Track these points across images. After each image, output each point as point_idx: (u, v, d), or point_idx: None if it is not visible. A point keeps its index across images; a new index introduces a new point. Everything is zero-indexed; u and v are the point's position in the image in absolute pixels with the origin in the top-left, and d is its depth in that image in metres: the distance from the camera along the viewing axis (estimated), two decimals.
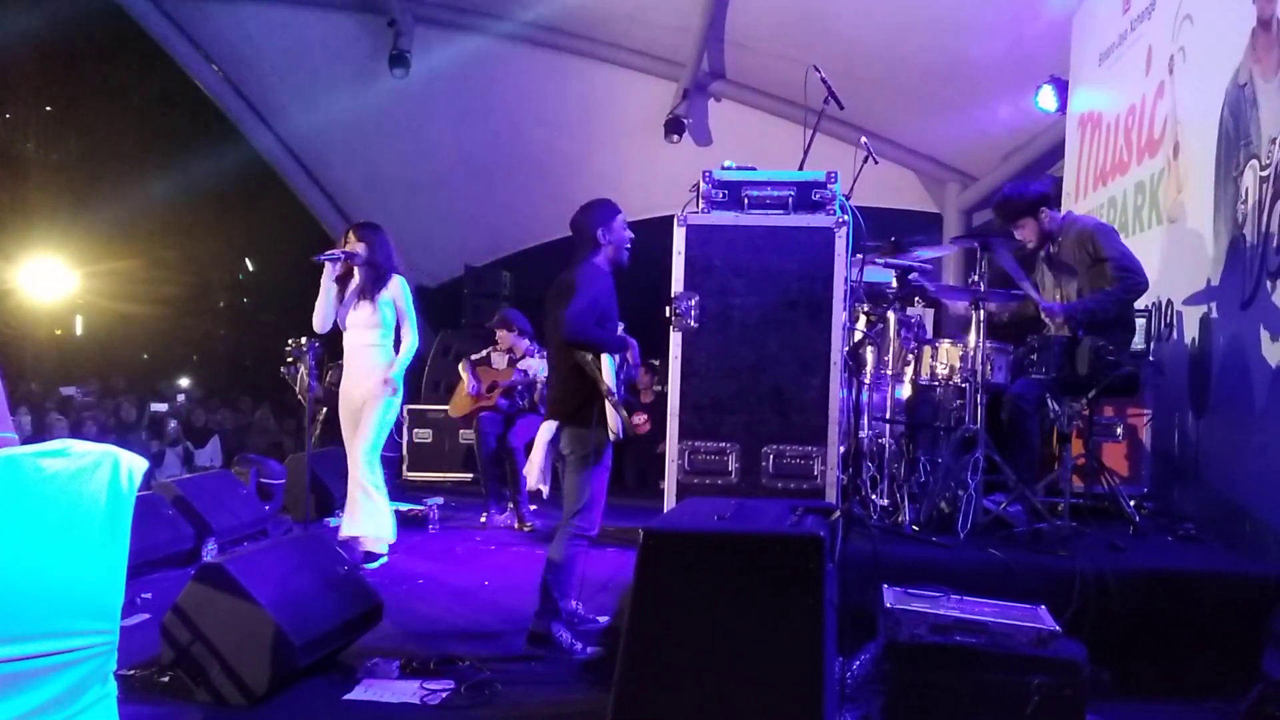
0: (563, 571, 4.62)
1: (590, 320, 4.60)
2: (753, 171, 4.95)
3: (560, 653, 4.52)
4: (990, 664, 3.44)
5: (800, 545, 2.92)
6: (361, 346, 6.20)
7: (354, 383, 6.22)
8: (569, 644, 4.55)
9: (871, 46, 9.04)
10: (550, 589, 4.62)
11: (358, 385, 6.20)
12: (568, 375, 4.70)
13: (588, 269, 4.74)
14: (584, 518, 4.67)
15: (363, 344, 6.20)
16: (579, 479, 4.69)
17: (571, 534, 4.65)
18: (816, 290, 4.74)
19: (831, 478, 4.70)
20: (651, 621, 2.96)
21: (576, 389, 4.65)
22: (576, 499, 4.68)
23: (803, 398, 4.72)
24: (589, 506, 4.69)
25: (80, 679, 2.85)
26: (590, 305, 4.61)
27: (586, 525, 4.69)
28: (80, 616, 2.82)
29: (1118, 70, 7.05)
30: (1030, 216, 5.45)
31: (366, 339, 6.19)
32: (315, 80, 11.48)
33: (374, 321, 6.16)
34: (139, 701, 3.79)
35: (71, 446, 2.79)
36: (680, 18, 9.92)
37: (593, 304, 4.63)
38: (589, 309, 4.60)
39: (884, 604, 3.72)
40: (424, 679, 4.21)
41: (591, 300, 4.63)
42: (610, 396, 4.54)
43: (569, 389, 4.71)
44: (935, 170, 11.31)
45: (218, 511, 6.63)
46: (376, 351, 6.18)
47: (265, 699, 3.91)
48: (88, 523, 2.79)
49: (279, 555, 4.42)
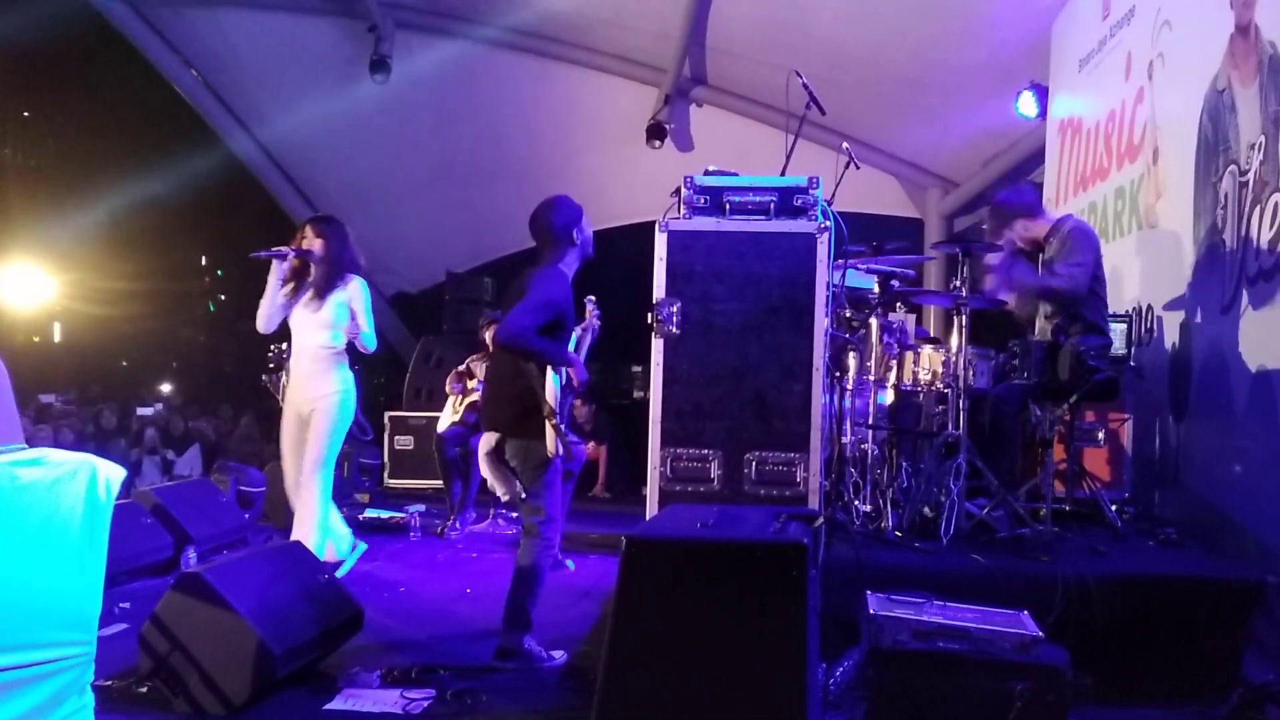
0: (532, 583, 4.51)
1: (531, 326, 4.36)
2: (734, 177, 4.93)
3: (531, 663, 4.46)
4: (973, 669, 3.44)
5: (783, 552, 2.91)
6: (311, 348, 5.89)
7: (300, 388, 5.93)
8: (538, 654, 4.50)
9: (853, 52, 9.06)
10: (518, 601, 4.50)
11: (304, 391, 5.91)
12: (508, 383, 4.51)
13: (550, 272, 4.56)
14: (549, 527, 4.55)
15: (312, 345, 5.88)
16: (535, 490, 4.55)
17: (538, 546, 4.53)
18: (798, 296, 4.72)
19: (814, 484, 4.69)
20: (634, 629, 2.95)
21: (517, 397, 4.45)
22: (537, 511, 4.54)
23: (785, 404, 4.71)
24: (551, 516, 4.56)
25: (57, 690, 2.82)
26: (538, 310, 4.39)
27: (551, 535, 4.58)
28: (57, 627, 2.79)
29: (1097, 76, 7.09)
30: (1021, 217, 5.48)
31: (316, 340, 5.88)
32: (295, 85, 11.41)
33: (325, 322, 5.86)
34: (117, 713, 3.75)
35: (48, 455, 2.76)
36: (661, 23, 9.92)
37: (542, 308, 4.41)
38: (535, 313, 4.38)
39: (867, 610, 3.72)
40: (405, 688, 4.18)
41: (542, 304, 4.41)
42: (551, 418, 4.36)
43: (508, 396, 4.52)
44: (916, 176, 11.35)
45: (197, 520, 6.58)
46: (327, 355, 5.89)
47: (245, 709, 3.88)
48: (65, 532, 2.76)
49: (258, 564, 4.38)
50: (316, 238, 5.95)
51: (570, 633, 5.00)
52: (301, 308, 5.92)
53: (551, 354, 4.45)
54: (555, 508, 4.60)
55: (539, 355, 4.41)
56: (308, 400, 5.91)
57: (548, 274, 4.56)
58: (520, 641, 4.50)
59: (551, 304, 4.46)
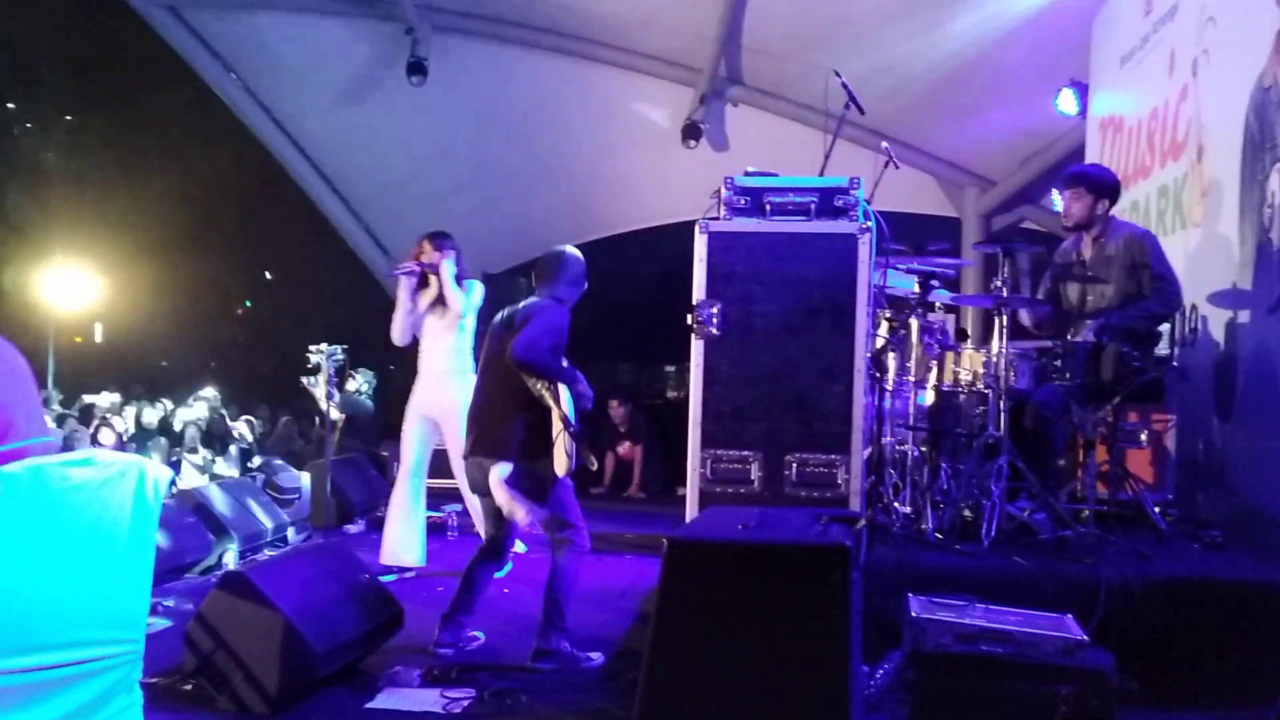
0: (567, 587, 4.58)
1: (546, 347, 4.50)
2: (775, 177, 4.92)
3: (568, 664, 4.50)
4: (1016, 673, 3.42)
5: (826, 555, 2.90)
6: (441, 353, 6.24)
7: (432, 389, 6.24)
8: (575, 656, 4.55)
9: (890, 50, 9.00)
10: (554, 604, 4.57)
11: (436, 394, 6.22)
12: (514, 408, 4.60)
13: (556, 309, 4.70)
14: (575, 533, 4.64)
15: (442, 349, 6.24)
16: (556, 507, 4.63)
17: (572, 551, 4.62)
18: (839, 297, 4.70)
19: (855, 486, 4.67)
20: (675, 631, 2.95)
21: (524, 422, 4.57)
22: (564, 526, 4.63)
23: (826, 405, 4.69)
24: (577, 525, 4.65)
25: (108, 687, 2.85)
26: (547, 333, 4.54)
27: (583, 542, 4.66)
28: (107, 625, 2.82)
29: (1140, 73, 7.01)
30: (1093, 195, 5.34)
31: (445, 344, 6.24)
32: (333, 88, 11.50)
33: (450, 325, 6.22)
34: (163, 709, 3.79)
35: (98, 456, 2.80)
36: (697, 23, 9.90)
37: (549, 332, 4.55)
38: (545, 336, 4.52)
39: (909, 613, 3.70)
40: (445, 687, 4.21)
41: (550, 328, 4.56)
42: (568, 428, 4.46)
43: (516, 422, 4.61)
44: (954, 175, 11.26)
45: (238, 519, 6.65)
46: (456, 358, 6.24)
47: (287, 707, 3.92)
48: (114, 532, 2.80)
49: (300, 563, 4.43)
50: (435, 251, 6.26)
51: (607, 633, 5.00)
52: (429, 316, 6.27)
53: (566, 375, 4.57)
54: (578, 516, 4.69)
55: (555, 374, 4.53)
56: (439, 405, 6.21)
57: (548, 305, 4.71)
58: (557, 643, 4.54)
59: (558, 331, 4.61)
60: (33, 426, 2.91)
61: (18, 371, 2.95)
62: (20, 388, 2.92)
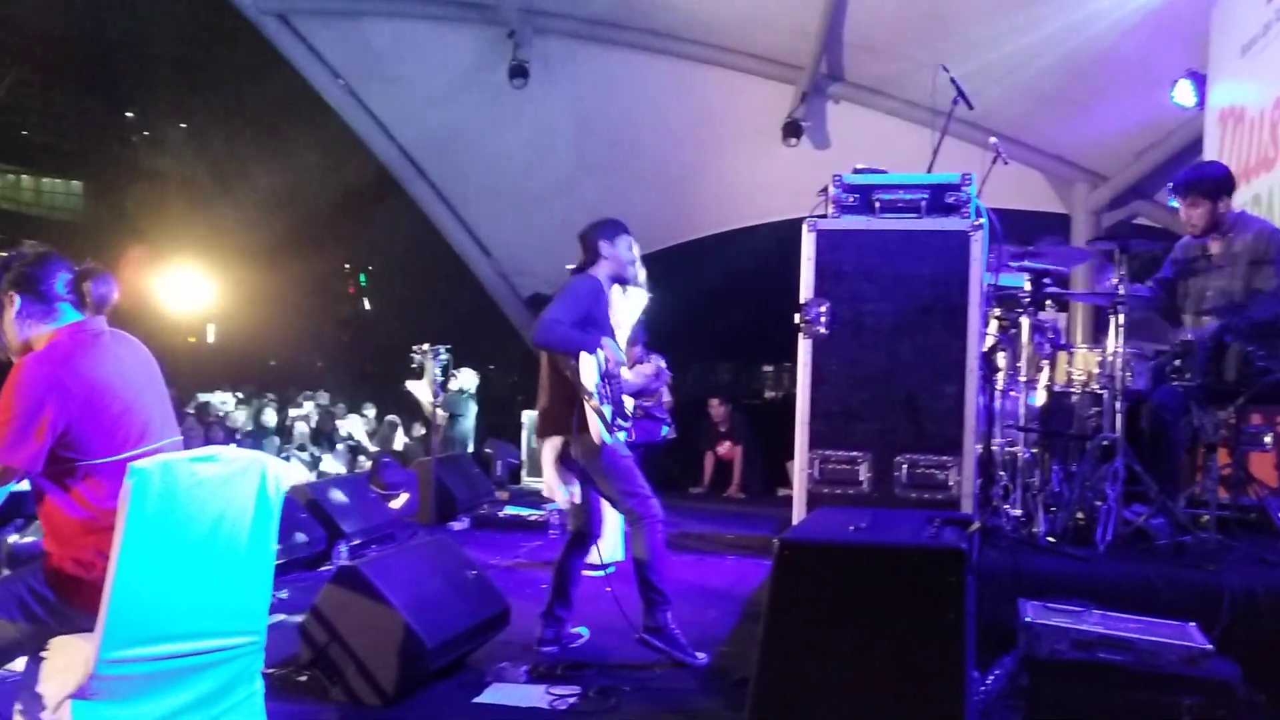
0: (655, 562, 4.60)
1: (566, 321, 4.53)
2: (884, 175, 4.85)
3: (673, 646, 4.53)
4: (1137, 683, 3.31)
5: (941, 558, 2.85)
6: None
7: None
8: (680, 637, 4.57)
9: (996, 44, 8.82)
10: (651, 584, 4.59)
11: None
12: (552, 385, 4.69)
13: (580, 278, 4.74)
14: (642, 504, 4.62)
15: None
16: (612, 478, 4.63)
17: (647, 527, 4.60)
18: (952, 295, 4.61)
19: (968, 488, 4.58)
20: (787, 632, 2.92)
21: (563, 397, 4.61)
22: (628, 495, 4.63)
23: (937, 406, 4.61)
24: (640, 493, 4.63)
25: (232, 676, 2.95)
26: (568, 309, 4.56)
27: (651, 510, 4.63)
28: (230, 617, 2.91)
29: (1262, 62, 6.75)
30: (1210, 199, 5.12)
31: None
32: (436, 92, 11.70)
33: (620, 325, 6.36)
34: (279, 699, 3.88)
35: (222, 453, 2.89)
36: (799, 20, 9.84)
37: (572, 307, 4.57)
38: (566, 311, 4.55)
39: (1022, 618, 3.61)
40: (551, 684, 4.25)
41: (571, 304, 4.58)
42: (589, 399, 4.48)
43: (554, 398, 4.69)
44: (1063, 170, 10.99)
45: (348, 515, 6.80)
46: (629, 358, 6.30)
47: (398, 700, 3.99)
48: (237, 526, 2.88)
49: (411, 559, 4.51)
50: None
51: (710, 634, 4.99)
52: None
53: (580, 340, 4.54)
54: (640, 484, 4.67)
55: (568, 341, 4.54)
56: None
57: (575, 279, 4.75)
58: (662, 618, 4.58)
59: (578, 300, 4.61)
60: (167, 427, 3.01)
61: (153, 373, 3.06)
62: (155, 389, 3.03)
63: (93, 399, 2.77)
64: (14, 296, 2.90)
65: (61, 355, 2.81)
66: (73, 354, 2.82)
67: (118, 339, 3.01)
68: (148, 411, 2.93)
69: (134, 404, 2.88)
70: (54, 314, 2.93)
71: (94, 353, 2.87)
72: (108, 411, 2.80)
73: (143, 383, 2.96)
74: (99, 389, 2.80)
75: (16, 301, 2.90)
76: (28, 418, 2.68)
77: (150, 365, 3.06)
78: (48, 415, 2.69)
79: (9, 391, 2.71)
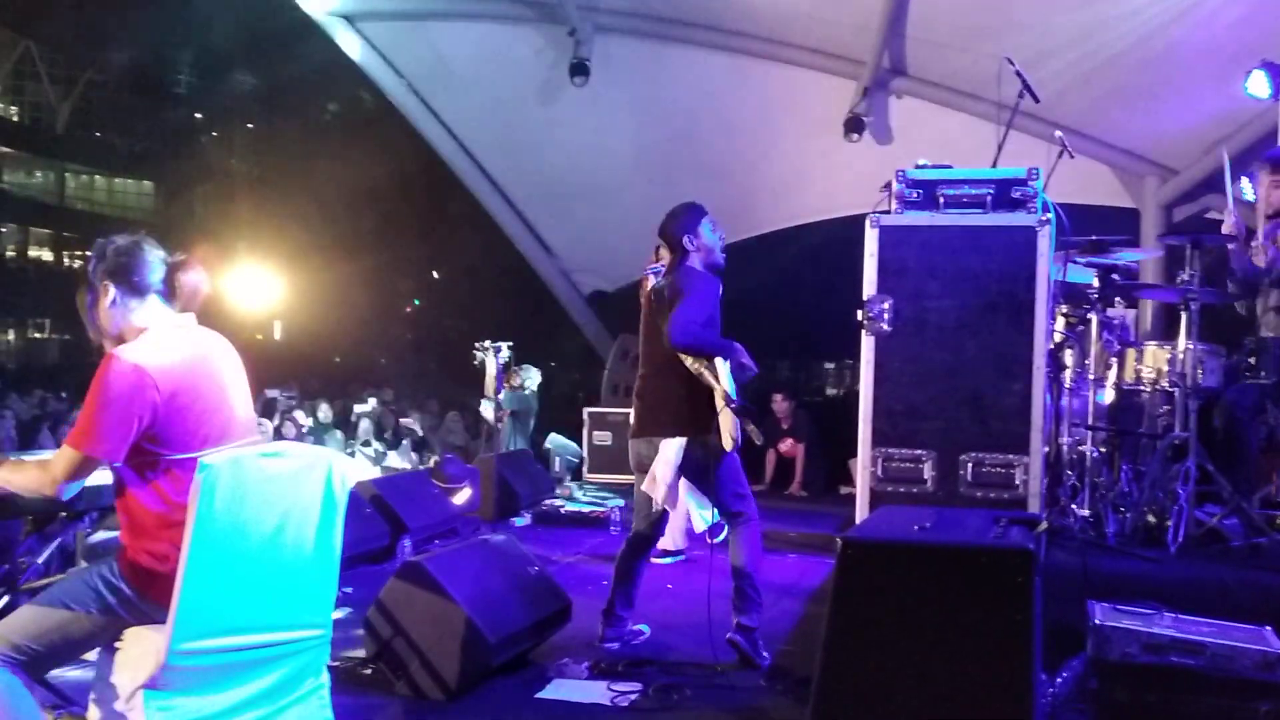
0: (758, 561, 4.56)
1: (699, 323, 4.44)
2: (948, 170, 4.79)
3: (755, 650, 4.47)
4: (1211, 688, 3.25)
5: (1009, 558, 2.81)
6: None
7: None
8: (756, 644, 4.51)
9: (1062, 35, 8.67)
10: (748, 578, 4.52)
11: None
12: (678, 384, 4.55)
13: (689, 272, 4.60)
14: (749, 505, 4.60)
15: None
16: (727, 479, 4.57)
17: (750, 526, 4.58)
18: (1018, 292, 4.55)
19: (1035, 487, 4.52)
20: (851, 632, 2.90)
21: (693, 397, 4.51)
22: (735, 496, 4.59)
23: (1003, 404, 4.55)
24: (748, 494, 4.62)
25: (299, 668, 2.99)
26: (700, 310, 4.46)
27: (755, 510, 4.62)
28: (298, 610, 2.95)
29: None
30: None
31: None
32: (498, 91, 11.78)
33: None
34: (344, 692, 3.92)
35: (290, 449, 2.93)
36: (860, 15, 9.75)
37: (700, 306, 4.47)
38: (699, 312, 4.45)
39: (1092, 620, 3.55)
40: (612, 680, 4.26)
41: (699, 303, 4.48)
42: (730, 403, 4.39)
43: (682, 399, 4.56)
44: (1131, 164, 10.75)
45: (412, 510, 6.86)
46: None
47: (461, 694, 4.02)
48: (304, 521, 2.92)
49: (473, 555, 4.54)
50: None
51: (772, 632, 4.96)
52: None
53: (724, 348, 4.48)
54: (747, 485, 4.67)
55: (712, 346, 4.46)
56: None
57: (687, 274, 4.61)
58: (757, 619, 4.53)
59: (704, 301, 4.51)
60: (249, 425, 3.06)
61: (238, 371, 3.10)
62: (240, 387, 3.07)
63: (178, 395, 2.81)
64: (109, 286, 2.95)
65: (149, 349, 2.85)
66: (162, 349, 2.87)
67: (206, 335, 3.06)
68: (231, 409, 2.97)
69: (219, 401, 2.93)
70: (146, 305, 2.98)
71: (183, 348, 2.91)
72: (192, 408, 2.84)
73: (228, 380, 3.01)
74: (185, 385, 2.84)
75: (111, 291, 2.94)
76: (112, 409, 2.73)
77: (236, 363, 3.10)
78: (133, 409, 2.74)
79: (97, 383, 2.75)
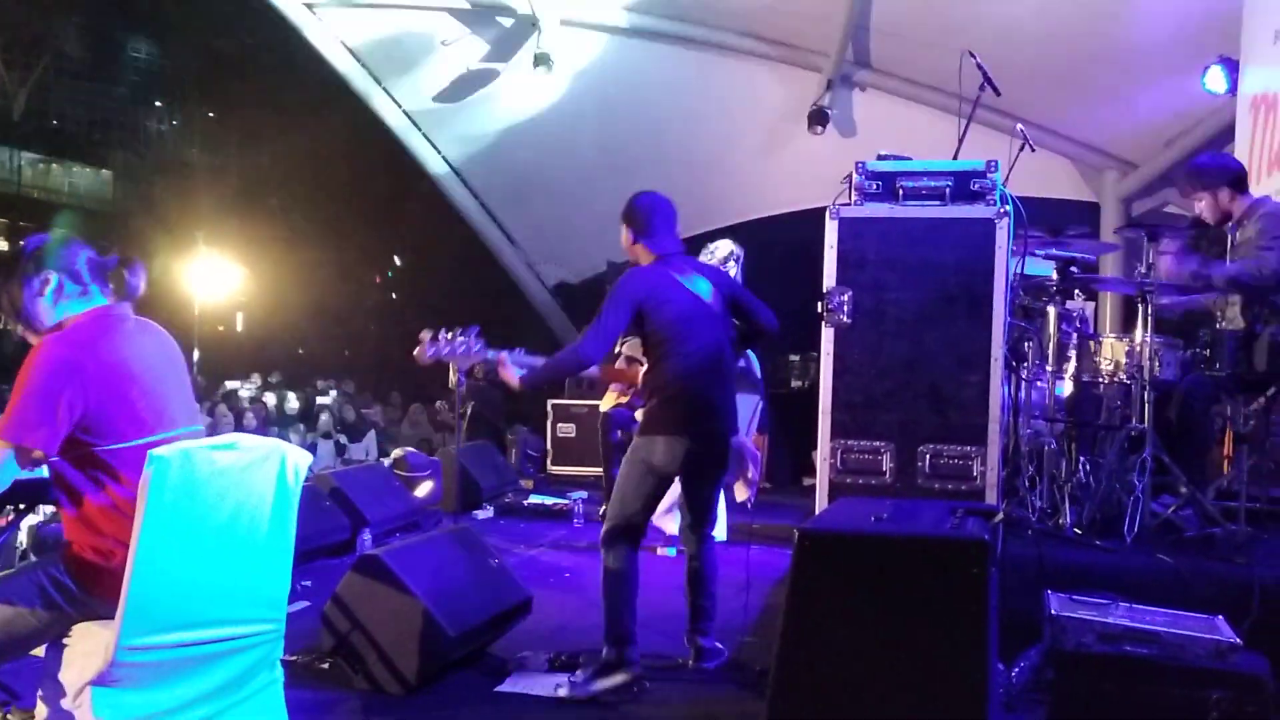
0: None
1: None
2: (908, 161, 4.81)
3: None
4: (1165, 676, 3.26)
5: (965, 549, 2.81)
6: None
7: None
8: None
9: (1025, 30, 8.72)
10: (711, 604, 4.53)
11: None
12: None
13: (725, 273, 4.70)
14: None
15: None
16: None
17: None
18: (976, 284, 4.57)
19: (992, 479, 4.55)
20: (807, 623, 2.89)
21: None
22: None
23: (961, 395, 4.57)
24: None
25: (251, 664, 2.95)
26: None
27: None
28: (250, 604, 2.92)
29: None
30: (1208, 191, 5.02)
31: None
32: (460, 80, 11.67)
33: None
34: (301, 687, 3.89)
35: (241, 440, 2.88)
36: (823, 6, 9.76)
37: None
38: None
39: (1048, 610, 3.57)
40: (571, 673, 4.23)
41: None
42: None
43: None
44: (1092, 157, 10.85)
45: (372, 503, 6.80)
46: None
47: (420, 688, 3.99)
48: (257, 514, 2.88)
49: (433, 548, 4.51)
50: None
51: (731, 625, 4.96)
52: None
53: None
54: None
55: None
56: None
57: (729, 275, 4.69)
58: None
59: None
60: (188, 415, 3.01)
61: (176, 361, 3.05)
62: (178, 377, 3.03)
63: (111, 383, 2.77)
64: (51, 276, 2.91)
65: (83, 338, 2.81)
66: (94, 337, 2.82)
67: (141, 325, 3.01)
68: (169, 399, 2.92)
69: (155, 390, 2.88)
70: (87, 297, 2.94)
71: (116, 337, 2.87)
72: (127, 397, 2.80)
73: (165, 370, 2.96)
74: (119, 373, 2.79)
75: (53, 281, 2.91)
76: (43, 397, 2.68)
77: (174, 353, 3.06)
78: (65, 397, 2.69)
79: (26, 370, 2.70)
